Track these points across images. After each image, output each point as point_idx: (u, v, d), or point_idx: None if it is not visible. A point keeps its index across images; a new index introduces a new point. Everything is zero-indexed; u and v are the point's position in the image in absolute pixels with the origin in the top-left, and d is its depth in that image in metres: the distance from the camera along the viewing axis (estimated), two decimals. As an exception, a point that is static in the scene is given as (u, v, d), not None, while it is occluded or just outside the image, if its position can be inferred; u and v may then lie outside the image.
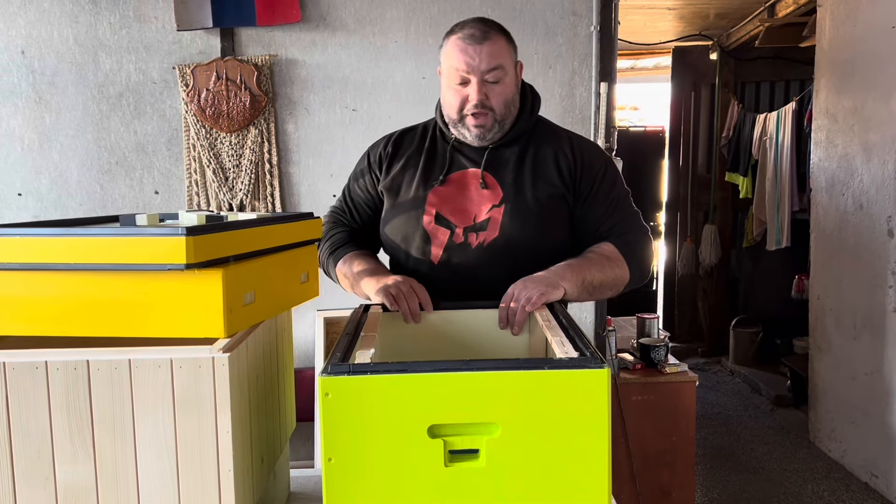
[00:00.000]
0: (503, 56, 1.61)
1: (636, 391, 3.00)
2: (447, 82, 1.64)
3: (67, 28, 3.00)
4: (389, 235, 1.73)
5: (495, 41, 1.60)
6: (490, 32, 1.60)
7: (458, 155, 1.71)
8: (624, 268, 1.64)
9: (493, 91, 1.61)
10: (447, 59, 1.63)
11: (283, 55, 3.04)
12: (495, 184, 1.67)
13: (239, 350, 1.11)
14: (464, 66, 1.58)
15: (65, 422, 1.06)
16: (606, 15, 2.97)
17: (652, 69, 6.95)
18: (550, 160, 1.68)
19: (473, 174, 1.69)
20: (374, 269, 1.66)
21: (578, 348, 1.15)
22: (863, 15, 3.70)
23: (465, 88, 1.61)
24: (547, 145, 1.71)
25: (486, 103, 1.61)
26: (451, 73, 1.61)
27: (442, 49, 1.66)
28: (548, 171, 1.68)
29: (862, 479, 3.69)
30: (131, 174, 3.07)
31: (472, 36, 1.59)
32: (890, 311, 3.47)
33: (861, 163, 3.73)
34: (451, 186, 1.69)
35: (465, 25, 1.62)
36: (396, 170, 1.74)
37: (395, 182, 1.73)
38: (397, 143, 1.78)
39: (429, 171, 1.71)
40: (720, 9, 5.29)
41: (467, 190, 1.68)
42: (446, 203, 1.67)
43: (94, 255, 1.10)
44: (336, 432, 1.03)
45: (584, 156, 1.70)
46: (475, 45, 1.58)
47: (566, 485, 1.05)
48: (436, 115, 1.77)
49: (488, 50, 1.58)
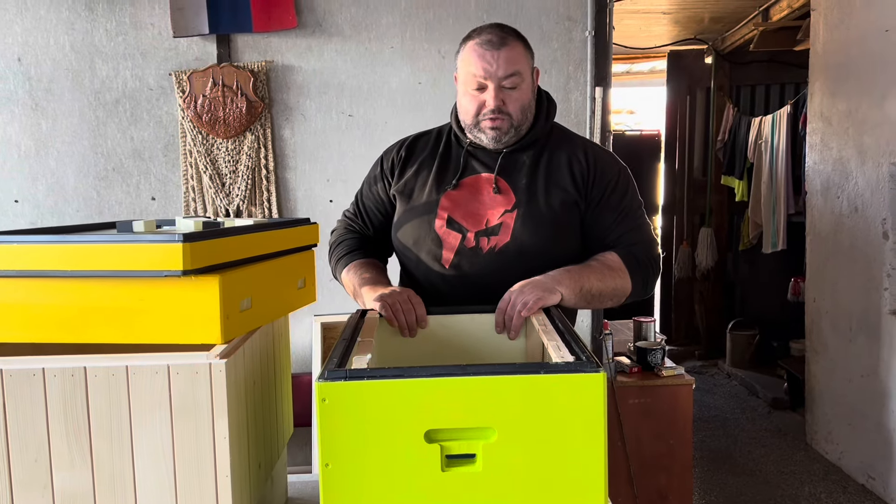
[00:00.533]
0: (520, 62, 1.61)
1: (633, 394, 3.00)
2: (464, 87, 1.64)
3: (64, 35, 3.01)
4: (401, 239, 1.73)
5: (513, 47, 1.61)
6: (508, 38, 1.61)
7: (472, 159, 1.71)
8: (626, 279, 1.64)
9: (510, 97, 1.62)
10: (464, 64, 1.63)
11: (279, 61, 3.05)
12: (508, 189, 1.67)
13: (236, 356, 1.12)
14: (481, 72, 1.59)
15: (62, 428, 1.06)
16: (601, 20, 2.98)
17: (648, 73, 6.98)
18: (564, 166, 1.68)
19: (487, 179, 1.69)
20: (376, 280, 1.66)
21: (574, 352, 1.16)
22: (856, 19, 3.72)
23: (482, 94, 1.61)
24: (561, 151, 1.71)
25: (503, 109, 1.61)
26: (469, 79, 1.62)
27: (459, 54, 1.66)
28: (561, 177, 1.67)
29: (859, 480, 3.69)
30: (128, 180, 3.07)
31: (489, 42, 1.59)
32: (885, 314, 3.48)
33: (856, 166, 3.74)
34: (463, 191, 1.69)
35: (483, 31, 1.62)
36: (410, 174, 1.75)
37: (408, 186, 1.74)
38: (411, 148, 1.79)
39: (442, 175, 1.71)
40: (715, 13, 5.31)
41: (480, 194, 1.68)
42: (459, 207, 1.67)
43: (91, 261, 1.10)
44: (333, 438, 1.03)
45: (597, 162, 1.70)
46: (493, 50, 1.58)
47: (563, 489, 1.05)
48: (451, 120, 1.77)
49: (506, 56, 1.59)
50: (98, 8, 3.00)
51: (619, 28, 5.50)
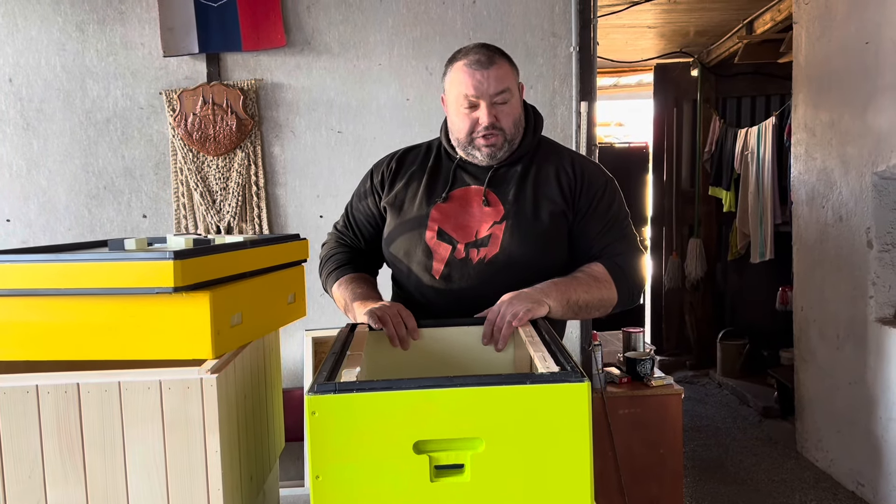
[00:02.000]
0: (509, 79, 1.66)
1: (623, 404, 3.03)
2: (455, 108, 1.68)
3: (55, 56, 3.03)
4: (392, 250, 1.76)
5: (500, 65, 1.65)
6: (495, 57, 1.65)
7: (462, 172, 1.75)
8: (612, 290, 1.67)
9: (503, 112, 1.66)
10: (454, 85, 1.67)
11: (268, 79, 3.08)
12: (497, 201, 1.71)
13: (226, 371, 1.14)
14: (473, 91, 1.63)
15: (56, 444, 1.08)
16: (585, 36, 3.03)
17: (635, 86, 7.04)
18: (552, 177, 1.72)
19: (476, 191, 1.72)
20: (367, 294, 1.68)
21: (560, 363, 1.18)
22: (837, 31, 3.78)
23: (474, 112, 1.65)
24: (549, 163, 1.74)
25: (497, 124, 1.65)
26: (460, 99, 1.65)
27: (446, 76, 1.70)
28: (549, 188, 1.71)
29: (849, 487, 3.72)
30: (119, 199, 3.09)
31: (478, 62, 1.63)
32: (871, 321, 3.52)
33: (839, 176, 3.79)
34: (453, 203, 1.72)
35: (470, 52, 1.66)
36: (399, 186, 1.78)
37: (399, 198, 1.77)
38: (401, 161, 1.82)
39: (432, 188, 1.74)
40: (699, 26, 5.38)
41: (469, 207, 1.71)
42: (448, 219, 1.70)
43: (83, 279, 1.12)
44: (323, 450, 1.05)
45: (584, 173, 1.74)
46: (483, 69, 1.62)
47: (550, 496, 1.07)
48: (441, 137, 1.80)
49: (495, 74, 1.63)
50: (89, 29, 3.03)
51: (606, 42, 5.56)
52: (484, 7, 3.07)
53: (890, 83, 3.34)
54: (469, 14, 3.07)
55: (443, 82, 1.72)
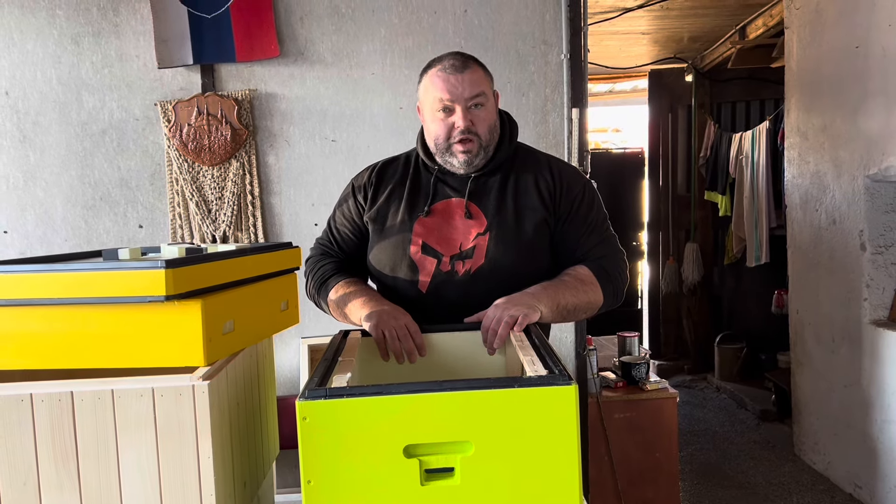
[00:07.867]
0: (484, 84, 1.68)
1: (618, 409, 3.04)
2: (431, 114, 1.69)
3: (51, 69, 3.05)
4: (376, 265, 1.76)
5: (475, 70, 1.67)
6: (469, 62, 1.67)
7: (442, 185, 1.75)
8: (597, 291, 1.69)
9: (478, 117, 1.67)
10: (428, 91, 1.68)
11: (262, 89, 3.10)
12: (479, 213, 1.72)
13: (219, 378, 1.15)
14: (447, 95, 1.64)
15: (50, 452, 1.09)
16: (576, 43, 3.05)
17: (630, 92, 7.08)
18: (532, 185, 1.73)
19: (457, 203, 1.73)
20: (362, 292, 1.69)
21: (548, 366, 1.20)
22: (827, 36, 3.81)
23: (450, 117, 1.66)
24: (528, 171, 1.76)
25: (472, 129, 1.66)
26: (435, 104, 1.66)
27: (420, 84, 1.71)
28: (529, 196, 1.72)
29: (846, 490, 3.73)
30: (115, 209, 3.10)
31: (452, 66, 1.65)
32: (866, 324, 3.54)
33: (832, 179, 3.82)
34: (436, 217, 1.73)
35: (443, 59, 1.68)
36: (381, 200, 1.78)
37: (381, 212, 1.77)
38: (381, 174, 1.82)
39: (413, 202, 1.75)
40: (693, 32, 5.41)
41: (452, 219, 1.72)
42: (432, 233, 1.71)
43: (77, 289, 1.14)
44: (315, 455, 1.06)
45: (563, 177, 1.76)
46: (457, 74, 1.64)
47: (539, 498, 1.09)
48: (417, 147, 1.81)
49: (470, 78, 1.65)
50: (84, 41, 3.05)
51: (600, 49, 5.60)
52: (475, 16, 3.09)
53: (880, 87, 3.36)
54: (461, 23, 3.09)
55: (417, 91, 1.74)
